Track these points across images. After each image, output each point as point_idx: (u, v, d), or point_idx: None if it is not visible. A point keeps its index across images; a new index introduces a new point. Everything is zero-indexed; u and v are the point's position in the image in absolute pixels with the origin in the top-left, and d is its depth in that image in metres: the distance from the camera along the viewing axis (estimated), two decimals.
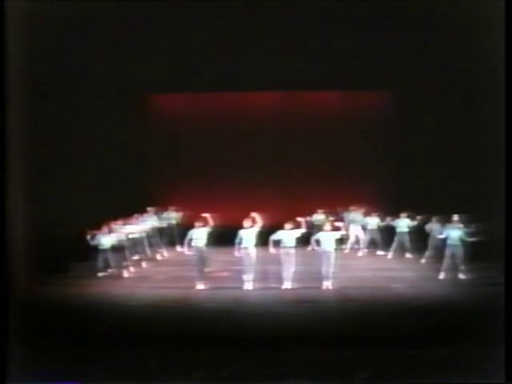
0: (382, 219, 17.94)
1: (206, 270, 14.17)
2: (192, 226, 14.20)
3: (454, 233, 14.73)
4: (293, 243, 13.83)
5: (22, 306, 10.28)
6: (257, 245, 13.87)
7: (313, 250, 14.33)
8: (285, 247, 13.80)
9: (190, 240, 14.04)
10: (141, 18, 17.24)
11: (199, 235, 14.00)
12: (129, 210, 17.16)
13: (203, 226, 14.04)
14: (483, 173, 17.18)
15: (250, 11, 17.18)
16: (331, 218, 17.25)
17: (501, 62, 9.91)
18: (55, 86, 17.50)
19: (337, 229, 14.21)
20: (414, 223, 17.16)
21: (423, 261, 16.73)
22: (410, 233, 17.35)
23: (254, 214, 13.92)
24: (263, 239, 13.93)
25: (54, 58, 16.88)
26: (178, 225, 18.89)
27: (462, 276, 14.63)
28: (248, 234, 13.79)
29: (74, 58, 17.67)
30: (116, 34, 17.43)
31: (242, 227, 13.87)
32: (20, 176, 10.89)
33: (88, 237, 14.81)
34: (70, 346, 9.89)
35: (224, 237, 14.34)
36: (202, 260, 13.98)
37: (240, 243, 13.77)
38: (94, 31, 17.10)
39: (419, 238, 17.09)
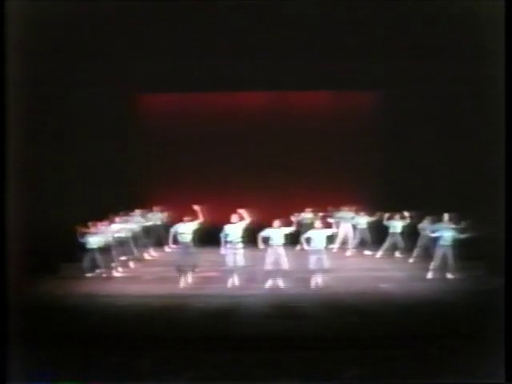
0: (372, 216, 17.94)
1: (196, 270, 14.05)
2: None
3: (447, 233, 14.77)
4: (281, 241, 13.56)
5: (15, 306, 10.18)
6: (244, 241, 13.61)
7: (302, 249, 14.29)
8: (273, 245, 13.51)
9: (175, 235, 13.73)
10: (133, 18, 17.30)
11: (185, 230, 13.62)
12: (117, 210, 17.09)
13: (191, 221, 13.70)
14: (476, 172, 17.31)
15: (242, 11, 17.20)
16: (319, 216, 17.31)
17: (501, 62, 9.91)
18: (54, 86, 17.54)
19: (328, 226, 14.11)
20: (407, 222, 17.15)
21: (411, 260, 16.77)
22: (402, 233, 17.38)
23: (242, 211, 13.54)
24: (251, 238, 13.81)
25: (53, 57, 16.93)
26: (164, 225, 18.85)
27: (452, 275, 14.66)
28: (234, 230, 13.45)
29: (72, 57, 17.71)
30: (113, 35, 17.49)
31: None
32: (8, 177, 10.81)
33: (78, 235, 14.79)
34: (58, 347, 9.85)
35: (211, 236, 14.27)
36: (186, 256, 13.67)
37: (226, 239, 13.45)
38: (93, 31, 17.18)
39: (409, 238, 17.14)
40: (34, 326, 10.18)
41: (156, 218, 18.87)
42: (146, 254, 18.06)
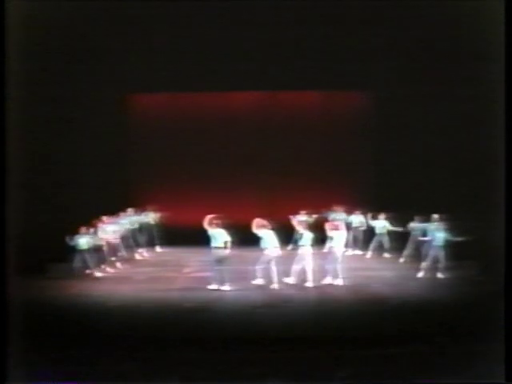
0: (366, 217, 18.00)
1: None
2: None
3: (439, 234, 14.82)
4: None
5: (12, 307, 10.18)
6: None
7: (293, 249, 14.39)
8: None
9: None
10: (132, 18, 17.39)
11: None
12: (108, 211, 17.06)
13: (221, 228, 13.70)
14: (468, 173, 17.38)
15: (233, 12, 17.25)
16: (314, 217, 17.38)
17: (501, 62, 9.95)
18: (53, 86, 17.57)
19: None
20: (390, 222, 17.24)
21: (402, 260, 16.84)
22: (388, 233, 17.43)
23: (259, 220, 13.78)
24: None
25: (53, 57, 16.93)
26: (156, 225, 18.89)
27: (443, 275, 14.71)
28: (268, 236, 13.65)
29: (71, 57, 17.78)
30: (112, 35, 17.58)
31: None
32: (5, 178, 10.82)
33: (67, 238, 14.80)
34: (54, 348, 9.85)
35: (201, 237, 14.27)
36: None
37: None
38: (92, 31, 17.29)
39: (397, 237, 17.20)
40: (31, 326, 10.17)
41: (148, 217, 18.91)
42: (137, 255, 18.06)
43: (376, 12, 17.18)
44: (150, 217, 18.95)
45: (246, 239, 14.00)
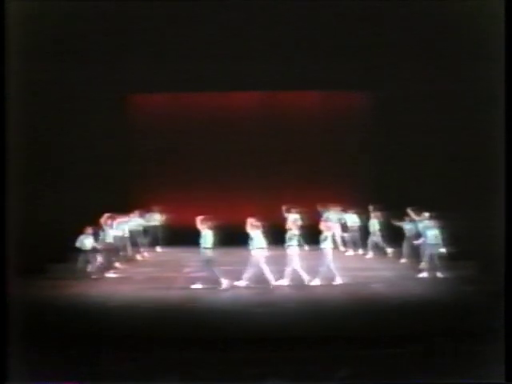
0: (361, 217, 18.00)
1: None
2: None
3: (431, 232, 14.80)
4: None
5: (12, 307, 10.19)
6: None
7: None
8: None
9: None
10: (132, 18, 17.40)
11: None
12: (108, 211, 17.02)
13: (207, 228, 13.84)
14: (465, 172, 17.39)
15: (234, 12, 17.25)
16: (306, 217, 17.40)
17: (501, 62, 9.94)
18: (53, 86, 17.55)
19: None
20: (381, 221, 17.28)
21: (401, 260, 16.84)
22: (381, 232, 17.44)
23: (253, 221, 13.89)
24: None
25: (53, 57, 16.96)
26: (161, 226, 18.91)
27: (443, 275, 14.68)
28: (258, 237, 13.78)
29: (71, 58, 17.77)
30: (112, 35, 17.57)
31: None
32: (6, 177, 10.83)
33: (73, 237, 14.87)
34: (54, 348, 9.85)
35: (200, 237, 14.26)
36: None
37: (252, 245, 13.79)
38: (92, 31, 17.28)
39: (392, 236, 17.21)
40: (31, 326, 10.18)
41: (154, 219, 18.93)
42: (137, 255, 18.07)
43: (376, 12, 17.18)
44: (156, 218, 19.00)
45: (247, 239, 14.00)
